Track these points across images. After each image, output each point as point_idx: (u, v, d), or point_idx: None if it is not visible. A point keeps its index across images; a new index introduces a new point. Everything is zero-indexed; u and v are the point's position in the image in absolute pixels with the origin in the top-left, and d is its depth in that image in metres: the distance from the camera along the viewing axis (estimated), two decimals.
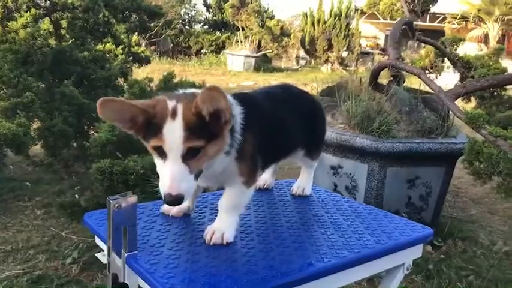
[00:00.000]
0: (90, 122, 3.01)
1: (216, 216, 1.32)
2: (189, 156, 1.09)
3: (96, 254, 1.32)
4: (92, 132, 3.13)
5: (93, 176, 2.37)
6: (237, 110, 1.22)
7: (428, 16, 17.78)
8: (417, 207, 3.45)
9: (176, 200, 1.07)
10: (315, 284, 1.15)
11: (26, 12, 3.08)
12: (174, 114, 1.09)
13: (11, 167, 4.74)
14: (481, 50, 18.15)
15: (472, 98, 4.96)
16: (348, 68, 18.41)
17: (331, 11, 18.60)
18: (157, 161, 1.14)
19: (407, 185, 3.38)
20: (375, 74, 3.46)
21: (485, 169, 2.98)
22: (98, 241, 1.36)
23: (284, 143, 1.45)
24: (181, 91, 1.23)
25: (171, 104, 1.11)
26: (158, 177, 2.92)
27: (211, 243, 1.23)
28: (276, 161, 1.52)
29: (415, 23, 4.22)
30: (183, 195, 1.07)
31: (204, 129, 1.09)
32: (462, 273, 3.13)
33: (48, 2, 3.33)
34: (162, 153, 1.10)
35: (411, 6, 4.30)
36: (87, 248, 3.27)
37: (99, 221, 1.35)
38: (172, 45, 20.67)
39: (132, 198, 1.12)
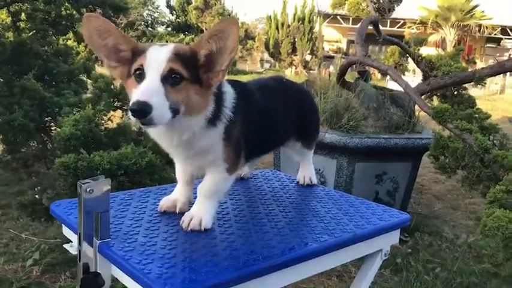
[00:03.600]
0: (52, 117, 2.89)
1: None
2: (169, 80, 1.02)
3: (64, 245, 1.24)
4: (54, 127, 3.01)
5: (57, 171, 2.27)
6: (229, 90, 1.19)
7: (388, 21, 18.22)
8: (384, 203, 3.46)
9: (142, 107, 0.96)
10: (296, 269, 1.12)
11: None
12: (163, 45, 1.08)
13: None
14: (438, 54, 18.71)
15: (434, 97, 5.10)
16: (311, 71, 18.67)
17: (294, 14, 18.83)
18: (135, 89, 1.03)
19: (375, 180, 3.42)
20: (342, 71, 3.49)
21: (451, 163, 3.05)
22: (65, 232, 1.29)
23: (273, 135, 1.42)
24: None
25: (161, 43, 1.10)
26: (124, 173, 2.79)
27: (189, 229, 1.18)
28: (262, 153, 1.48)
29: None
30: (151, 105, 0.96)
31: (192, 66, 1.05)
32: (429, 266, 3.19)
33: None
34: (141, 75, 1.03)
35: (376, 6, 4.37)
36: (49, 249, 3.14)
37: (68, 209, 1.28)
38: None
39: (105, 183, 1.06)
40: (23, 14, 3.24)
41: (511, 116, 11.38)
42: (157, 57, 1.03)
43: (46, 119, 2.94)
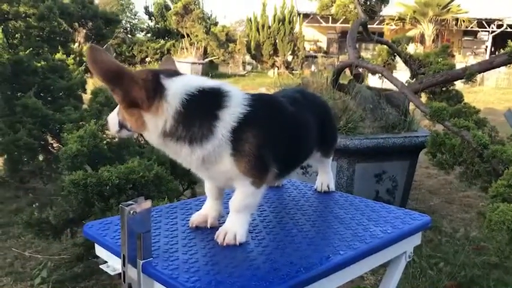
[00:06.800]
0: (53, 133, 2.87)
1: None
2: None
3: (100, 266, 1.26)
4: (56, 144, 2.99)
5: (67, 189, 2.27)
6: (234, 111, 1.19)
7: None
8: (385, 201, 3.55)
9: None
10: (332, 278, 1.15)
11: None
12: None
13: None
14: (417, 49, 19.04)
15: (423, 94, 5.21)
16: (294, 72, 18.76)
17: (274, 16, 18.90)
18: None
19: (374, 180, 3.48)
20: (337, 74, 3.54)
21: (448, 160, 3.13)
22: (99, 252, 1.30)
23: (303, 148, 1.44)
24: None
25: None
26: (132, 187, 2.81)
27: (224, 244, 1.21)
28: (295, 166, 1.50)
29: None
30: (107, 119, 1.30)
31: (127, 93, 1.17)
32: (432, 261, 3.26)
33: None
34: None
35: (363, 8, 4.44)
36: (55, 266, 3.12)
37: (102, 230, 1.29)
38: (115, 54, 20.18)
39: (147, 203, 1.08)
40: (17, 31, 3.21)
41: (491, 107, 11.63)
42: None
43: (47, 136, 2.91)
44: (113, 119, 1.27)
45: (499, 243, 2.26)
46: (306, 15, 22.09)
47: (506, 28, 21.66)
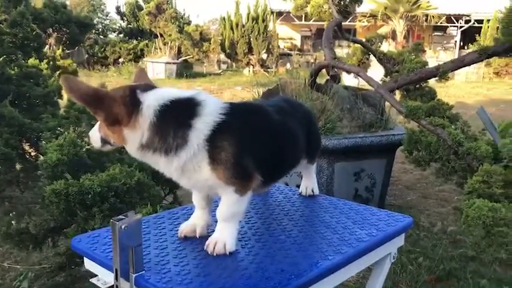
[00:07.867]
0: (31, 142, 2.82)
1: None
2: None
3: (91, 280, 1.26)
4: (34, 153, 2.94)
5: (48, 199, 2.24)
6: (208, 119, 1.20)
7: None
8: (364, 199, 3.63)
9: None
10: (323, 282, 1.18)
11: None
12: None
13: None
14: (390, 45, 19.34)
15: (397, 91, 5.31)
16: (269, 70, 18.85)
17: (248, 14, 18.91)
18: None
19: (353, 178, 3.54)
20: (315, 75, 3.58)
21: (425, 157, 3.21)
22: (89, 266, 1.30)
23: (290, 154, 1.46)
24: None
25: None
26: (114, 194, 2.79)
27: (215, 254, 1.22)
28: (282, 174, 1.51)
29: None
30: (89, 135, 1.34)
31: (107, 111, 1.20)
32: (411, 256, 3.34)
33: None
34: None
35: (337, 8, 4.49)
36: (36, 276, 3.07)
37: (91, 244, 1.29)
38: (87, 56, 19.85)
39: (137, 217, 1.09)
40: None
41: (462, 101, 11.92)
42: None
43: (24, 145, 2.86)
44: (95, 134, 1.29)
45: (475, 237, 2.34)
46: (279, 13, 22.16)
47: (473, 23, 22.18)
